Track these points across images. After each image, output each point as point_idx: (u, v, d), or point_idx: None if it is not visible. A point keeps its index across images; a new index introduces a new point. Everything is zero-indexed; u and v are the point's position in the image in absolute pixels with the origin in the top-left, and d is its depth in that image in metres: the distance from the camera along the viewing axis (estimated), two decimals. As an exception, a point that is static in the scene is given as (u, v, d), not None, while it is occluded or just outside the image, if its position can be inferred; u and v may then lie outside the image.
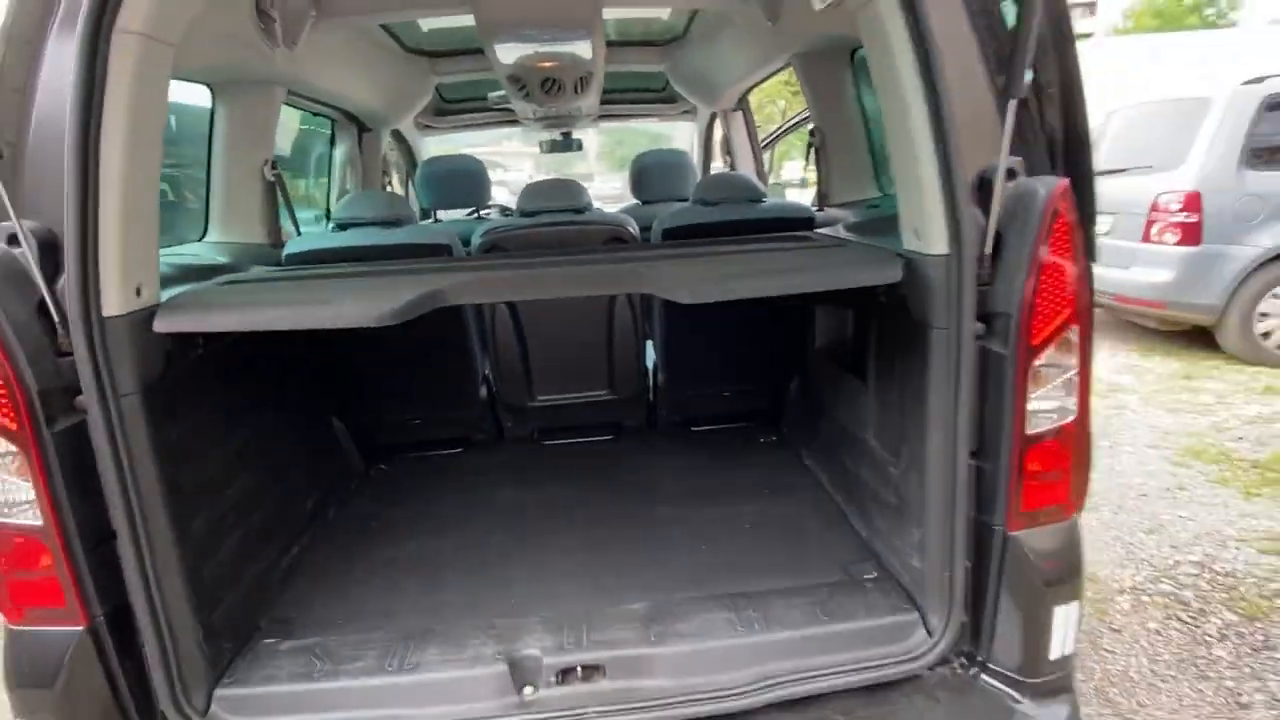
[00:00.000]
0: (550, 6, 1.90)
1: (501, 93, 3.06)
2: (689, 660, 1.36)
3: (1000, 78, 1.26)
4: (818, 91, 2.39)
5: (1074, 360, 1.27)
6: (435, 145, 4.38)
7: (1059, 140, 1.42)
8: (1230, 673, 2.14)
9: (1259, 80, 4.84)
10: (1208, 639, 2.29)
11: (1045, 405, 1.26)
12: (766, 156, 3.95)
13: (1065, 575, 1.33)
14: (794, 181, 4.68)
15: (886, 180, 2.33)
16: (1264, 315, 4.76)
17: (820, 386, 2.15)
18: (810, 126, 2.57)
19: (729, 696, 1.30)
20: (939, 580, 1.37)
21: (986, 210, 1.23)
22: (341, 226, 2.17)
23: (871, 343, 1.71)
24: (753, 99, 3.82)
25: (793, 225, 2.22)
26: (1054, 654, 1.34)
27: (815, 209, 2.49)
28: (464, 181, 3.01)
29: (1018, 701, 1.35)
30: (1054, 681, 1.35)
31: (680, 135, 4.89)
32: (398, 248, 2.06)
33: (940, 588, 1.37)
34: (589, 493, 2.09)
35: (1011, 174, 1.25)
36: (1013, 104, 1.17)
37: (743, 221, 2.21)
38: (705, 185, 2.46)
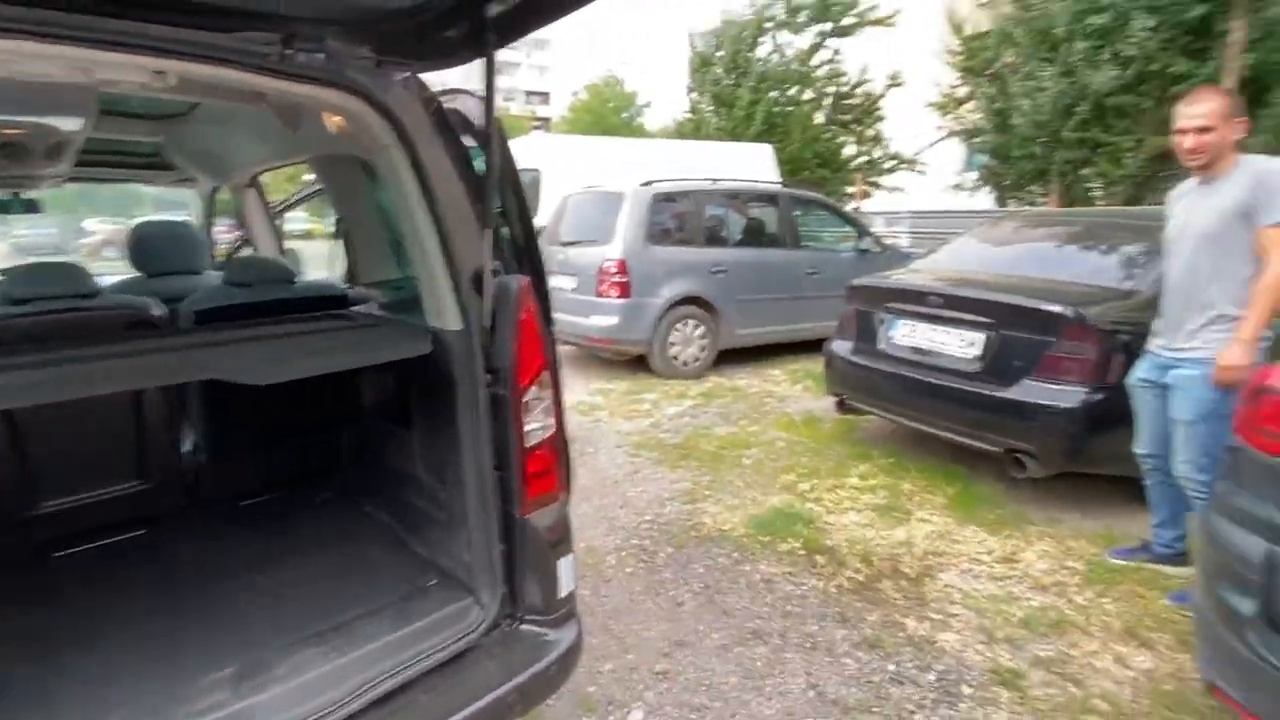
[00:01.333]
0: (36, 95, 1.72)
1: None
2: (291, 695, 1.47)
3: (479, 207, 1.84)
4: (339, 191, 2.63)
5: (548, 393, 1.91)
6: None
7: (522, 246, 2.11)
8: (673, 586, 3.20)
9: (649, 184, 6.96)
10: (659, 569, 3.35)
11: (535, 426, 1.81)
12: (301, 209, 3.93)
13: (561, 538, 1.87)
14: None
15: (405, 263, 2.75)
16: (673, 344, 6.82)
17: (371, 439, 2.43)
18: (336, 216, 2.83)
19: (334, 711, 1.45)
20: (485, 565, 1.80)
21: (483, 296, 1.79)
22: None
23: (414, 396, 2.08)
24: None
25: (328, 304, 2.45)
26: (562, 593, 1.84)
27: (347, 286, 2.77)
28: None
29: (545, 633, 1.82)
30: (565, 613, 1.84)
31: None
32: None
33: (486, 571, 1.80)
34: (130, 591, 1.91)
35: (496, 272, 1.84)
36: (487, 231, 1.75)
37: (280, 301, 2.34)
38: (237, 267, 2.49)
